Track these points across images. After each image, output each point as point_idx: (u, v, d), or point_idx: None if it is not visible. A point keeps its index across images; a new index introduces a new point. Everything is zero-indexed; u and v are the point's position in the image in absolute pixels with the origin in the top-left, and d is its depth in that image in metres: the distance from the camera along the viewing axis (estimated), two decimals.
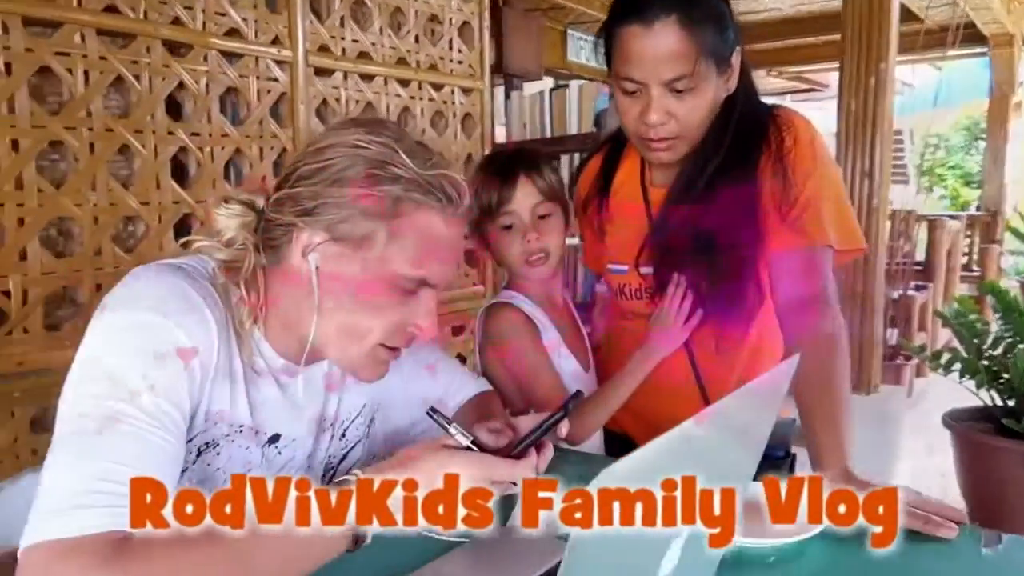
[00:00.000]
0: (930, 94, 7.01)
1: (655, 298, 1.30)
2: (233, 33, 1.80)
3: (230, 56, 1.80)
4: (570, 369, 1.37)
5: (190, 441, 0.86)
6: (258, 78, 1.86)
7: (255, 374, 0.92)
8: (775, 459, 1.22)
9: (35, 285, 1.49)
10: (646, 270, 1.30)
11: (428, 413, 0.88)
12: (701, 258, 1.22)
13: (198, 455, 0.88)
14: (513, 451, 0.87)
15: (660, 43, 1.09)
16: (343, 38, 2.06)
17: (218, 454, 0.90)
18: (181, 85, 1.71)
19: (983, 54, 6.54)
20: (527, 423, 0.97)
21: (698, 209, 1.21)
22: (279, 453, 0.98)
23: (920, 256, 4.99)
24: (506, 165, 1.31)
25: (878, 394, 3.50)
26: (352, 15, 2.10)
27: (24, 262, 1.48)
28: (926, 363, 2.78)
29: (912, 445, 3.86)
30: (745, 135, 1.20)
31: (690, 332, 1.27)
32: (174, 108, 1.73)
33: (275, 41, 1.89)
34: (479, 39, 2.47)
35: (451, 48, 2.38)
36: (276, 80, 1.90)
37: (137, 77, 1.62)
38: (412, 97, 2.27)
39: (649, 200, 1.31)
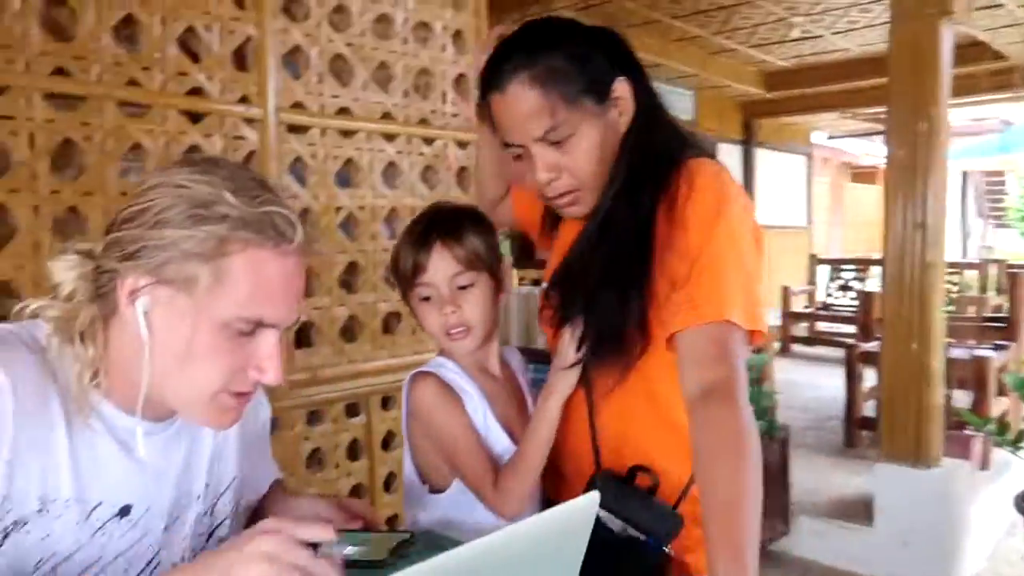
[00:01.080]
0: None
1: (556, 332, 1.20)
2: (198, 92, 1.79)
3: (196, 115, 1.79)
4: (502, 443, 1.25)
5: None
6: (224, 136, 1.84)
7: (90, 439, 0.85)
8: (643, 547, 1.04)
9: None
10: (552, 294, 1.22)
11: None
12: (586, 291, 1.13)
13: (5, 537, 0.81)
14: None
15: (517, 104, 1.07)
16: (321, 94, 2.03)
17: (28, 533, 0.82)
18: (138, 145, 1.70)
19: None
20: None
21: (593, 243, 1.14)
22: (133, 527, 0.90)
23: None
24: (422, 232, 1.21)
25: (940, 468, 3.15)
26: (333, 71, 2.08)
27: None
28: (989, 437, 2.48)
29: (988, 524, 3.47)
30: (636, 170, 1.12)
31: (578, 372, 1.16)
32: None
33: (243, 99, 1.87)
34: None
35: (444, 101, 2.32)
36: (243, 138, 1.88)
37: (89, 139, 1.62)
38: (399, 152, 2.21)
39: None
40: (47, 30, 1.58)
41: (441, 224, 1.22)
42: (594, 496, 0.57)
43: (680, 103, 7.07)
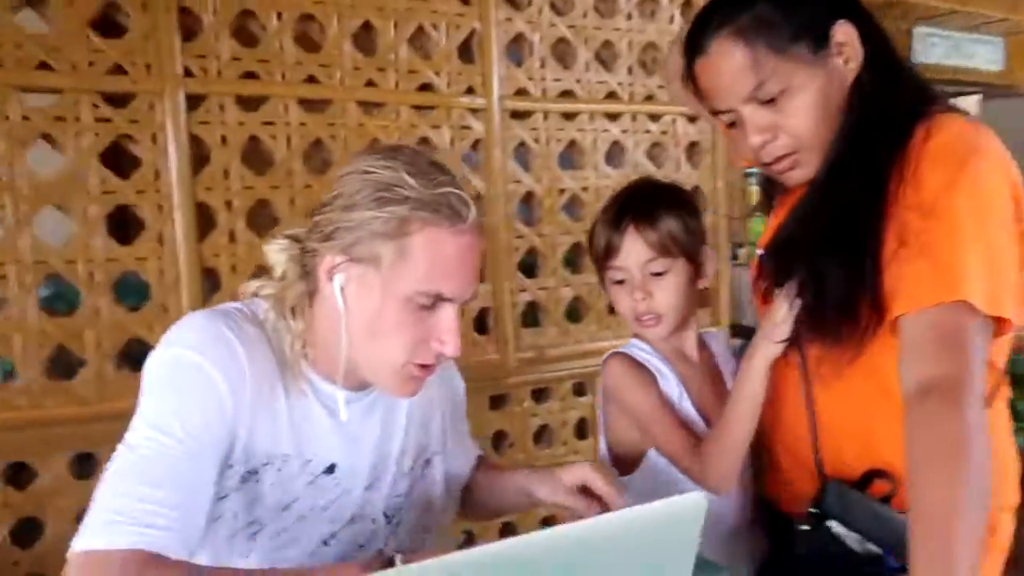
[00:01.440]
0: None
1: (767, 298, 1.10)
2: (427, 87, 1.92)
3: (424, 109, 1.92)
4: (697, 427, 1.20)
5: (231, 468, 0.92)
6: (451, 127, 1.95)
7: (304, 403, 0.97)
8: (887, 570, 0.90)
9: None
10: (766, 261, 1.11)
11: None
12: (810, 256, 1.01)
13: (242, 482, 0.94)
14: None
15: (722, 64, 0.99)
16: (543, 79, 2.07)
17: (258, 482, 0.95)
18: (376, 141, 1.87)
19: None
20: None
21: (816, 204, 1.02)
22: (337, 484, 1.00)
23: None
24: (616, 213, 1.18)
25: None
26: (555, 55, 2.10)
27: None
28: None
29: None
30: (867, 125, 0.98)
31: (792, 326, 1.04)
32: None
33: (469, 91, 1.97)
34: None
35: None
36: (469, 128, 1.98)
37: (334, 137, 1.82)
38: (624, 131, 2.19)
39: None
40: (298, 43, 1.79)
41: (636, 206, 1.18)
42: (699, 499, 0.51)
43: (986, 53, 6.10)
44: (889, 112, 0.98)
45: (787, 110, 0.98)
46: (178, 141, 1.65)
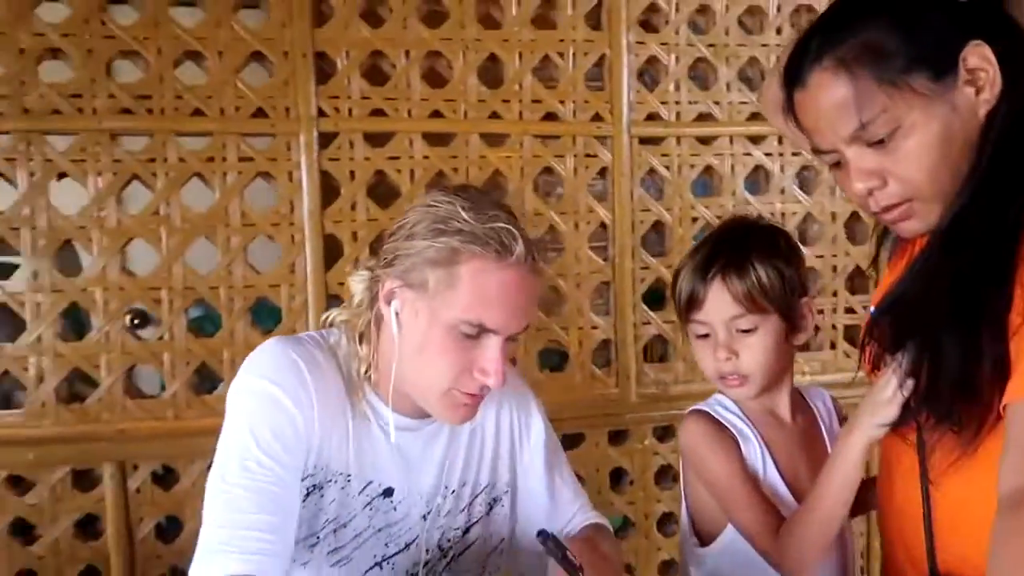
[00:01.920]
0: None
1: (876, 365, 0.95)
2: (551, 116, 1.91)
3: (549, 138, 1.91)
4: (781, 497, 1.09)
5: (303, 480, 0.99)
6: (576, 156, 1.92)
7: (366, 426, 1.02)
8: None
9: None
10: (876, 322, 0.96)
11: (540, 539, 0.90)
12: (925, 324, 0.86)
13: (307, 495, 1.00)
14: None
15: (821, 99, 0.86)
16: (677, 102, 1.98)
17: (322, 496, 1.01)
18: (498, 171, 1.88)
19: None
20: None
21: (935, 263, 0.86)
22: (394, 508, 1.04)
23: None
24: (702, 260, 1.08)
25: None
26: (693, 75, 2.00)
27: None
28: None
29: None
30: (1004, 168, 0.81)
31: (900, 405, 0.89)
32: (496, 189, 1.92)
33: (596, 117, 1.93)
34: None
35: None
36: (595, 156, 1.93)
37: (456, 170, 1.86)
38: (768, 154, 2.03)
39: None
40: (426, 80, 1.85)
41: (725, 252, 1.07)
42: None
43: None
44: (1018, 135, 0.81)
45: (899, 153, 0.83)
46: (310, 177, 1.77)
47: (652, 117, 1.97)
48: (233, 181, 1.75)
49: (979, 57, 0.81)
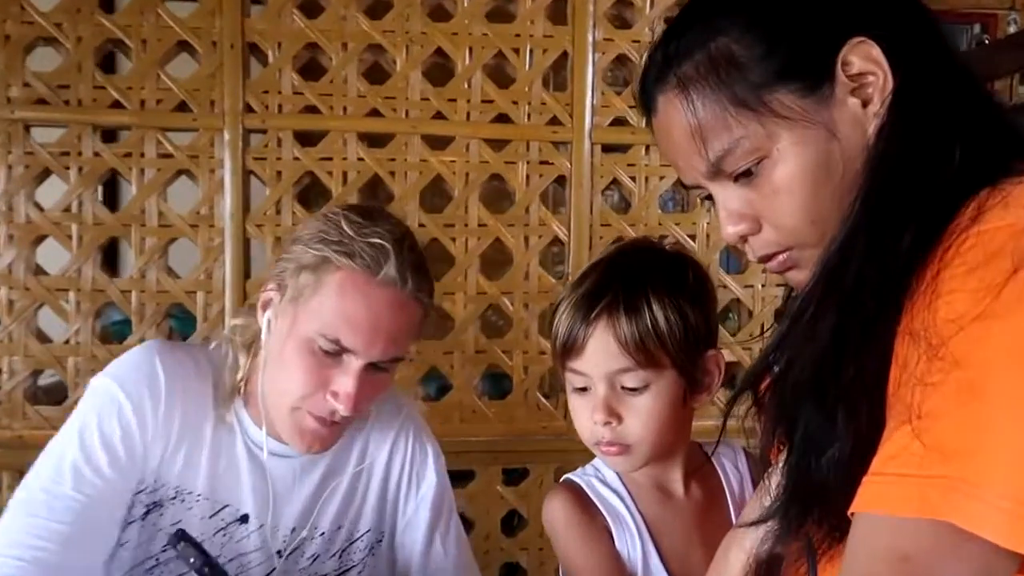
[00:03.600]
0: None
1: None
2: (503, 118, 1.73)
3: (499, 142, 1.74)
4: None
5: (140, 495, 0.93)
6: (528, 163, 1.74)
7: (229, 446, 0.96)
8: None
9: None
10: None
11: (174, 541, 0.83)
12: (792, 403, 0.66)
13: (146, 513, 0.94)
14: None
15: (668, 127, 0.68)
16: None
17: (161, 515, 0.95)
18: (439, 177, 1.72)
19: None
20: None
21: (804, 326, 0.65)
22: (248, 537, 0.97)
23: None
24: (585, 294, 0.86)
25: None
26: None
27: None
28: None
29: None
30: (891, 200, 0.60)
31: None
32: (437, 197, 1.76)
33: (553, 120, 1.74)
34: None
35: None
36: (550, 163, 1.75)
37: (392, 174, 1.70)
38: None
39: None
40: (367, 77, 1.71)
41: (617, 286, 0.85)
42: None
43: None
44: (923, 176, 0.59)
45: (767, 189, 0.64)
46: (233, 176, 1.65)
47: (618, 122, 1.76)
48: (151, 178, 1.64)
49: (863, 58, 0.61)
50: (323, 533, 1.01)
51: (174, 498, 0.94)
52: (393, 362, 0.93)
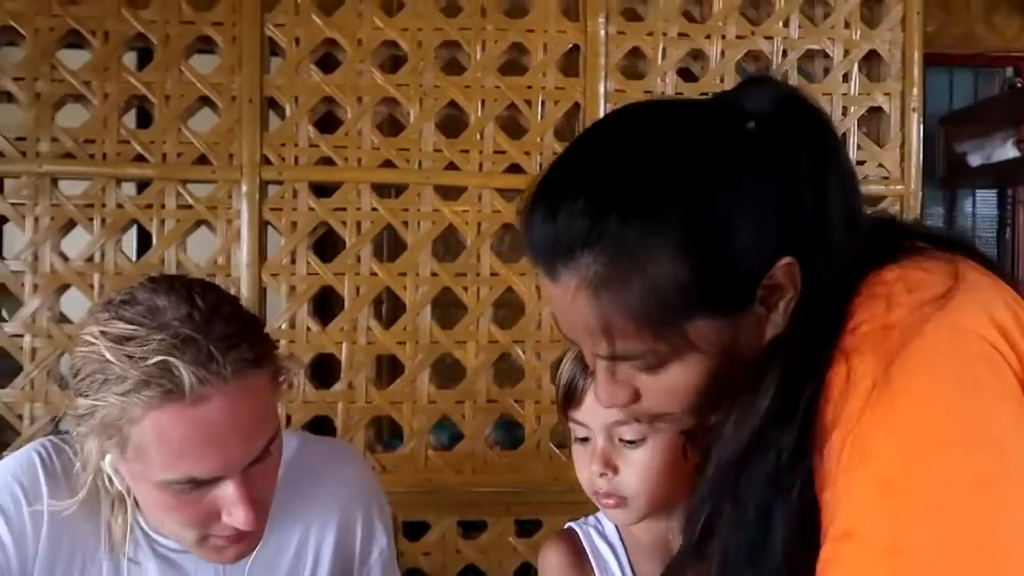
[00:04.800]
0: None
1: None
2: (515, 168, 1.75)
3: (511, 192, 1.75)
4: None
5: None
6: None
7: (136, 551, 0.88)
8: None
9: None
10: None
11: None
12: None
13: None
14: None
15: (569, 307, 0.62)
16: None
17: None
18: (452, 227, 1.74)
19: None
20: None
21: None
22: None
23: None
24: None
25: None
26: None
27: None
28: None
29: None
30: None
31: None
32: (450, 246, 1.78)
33: None
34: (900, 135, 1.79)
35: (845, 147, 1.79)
36: None
37: (406, 224, 1.73)
38: None
39: None
40: (381, 129, 1.74)
41: None
42: None
43: None
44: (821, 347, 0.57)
45: (659, 383, 0.63)
46: (250, 227, 1.68)
47: None
48: (171, 229, 1.69)
49: (785, 276, 0.59)
50: None
51: None
52: (268, 446, 0.80)
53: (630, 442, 0.83)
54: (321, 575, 0.96)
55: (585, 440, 0.86)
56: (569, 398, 0.86)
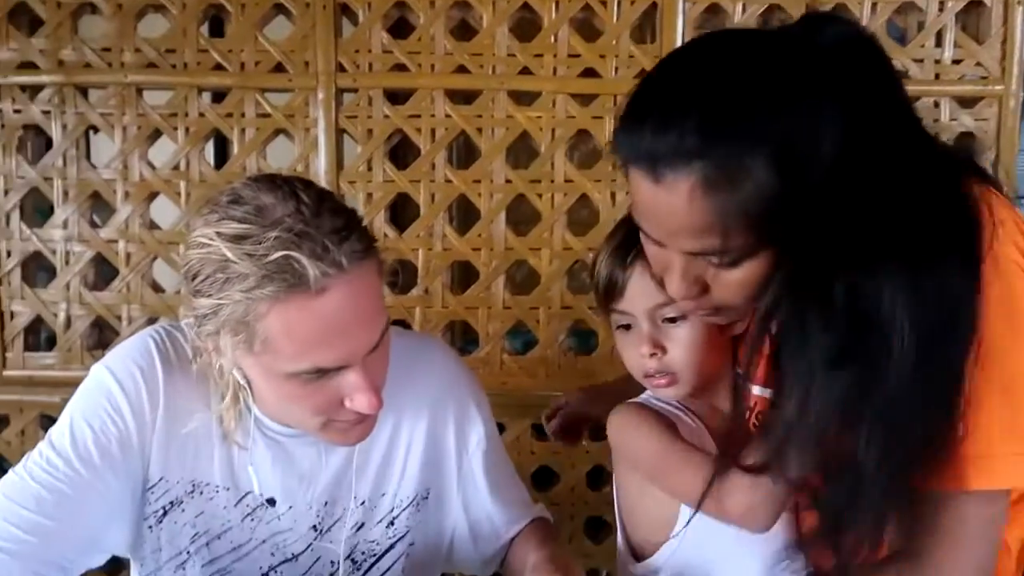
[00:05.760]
0: None
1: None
2: (590, 73, 1.71)
3: (587, 97, 1.72)
4: None
5: (151, 492, 0.91)
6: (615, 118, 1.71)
7: (242, 431, 0.93)
8: None
9: None
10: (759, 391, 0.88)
11: None
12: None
13: (164, 514, 0.93)
14: None
15: (670, 207, 0.71)
16: None
17: (183, 511, 0.94)
18: (526, 133, 1.72)
19: None
20: None
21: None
22: (278, 518, 0.97)
23: None
24: (622, 241, 0.92)
25: None
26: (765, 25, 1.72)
27: None
28: None
29: None
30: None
31: None
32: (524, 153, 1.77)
33: (640, 74, 1.70)
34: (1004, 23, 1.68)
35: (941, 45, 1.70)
36: None
37: (480, 130, 1.72)
38: None
39: None
40: (454, 34, 1.72)
41: None
42: None
43: None
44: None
45: (729, 277, 0.75)
46: (327, 135, 1.70)
47: None
48: (251, 137, 1.72)
49: None
50: (363, 502, 0.98)
51: (191, 492, 0.93)
52: (383, 334, 0.84)
53: (671, 320, 0.88)
54: (413, 463, 1.01)
55: (627, 327, 0.91)
56: (611, 291, 0.91)
